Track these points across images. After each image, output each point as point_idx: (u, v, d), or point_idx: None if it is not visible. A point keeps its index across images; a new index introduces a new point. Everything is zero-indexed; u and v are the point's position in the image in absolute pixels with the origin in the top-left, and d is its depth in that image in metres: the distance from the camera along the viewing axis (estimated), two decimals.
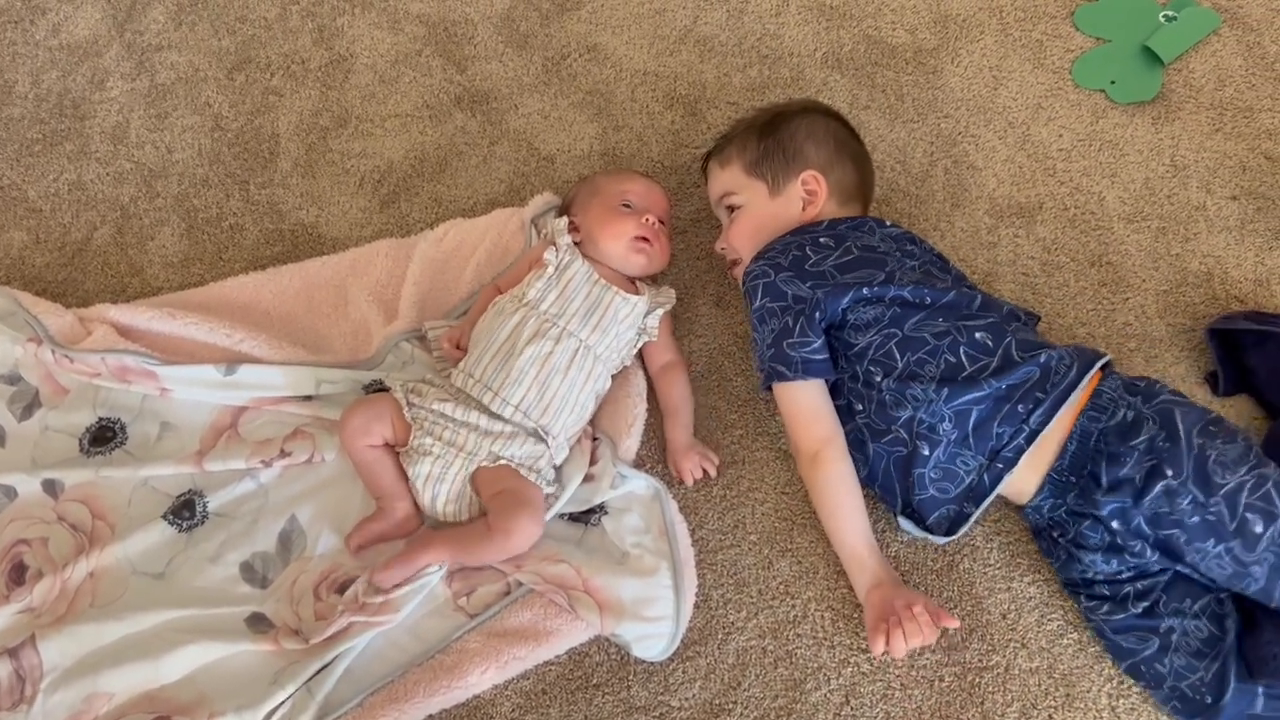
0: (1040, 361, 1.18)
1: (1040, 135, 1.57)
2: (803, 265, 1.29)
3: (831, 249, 1.30)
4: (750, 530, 1.30)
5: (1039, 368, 1.18)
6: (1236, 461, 1.08)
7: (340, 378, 1.39)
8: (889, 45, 1.68)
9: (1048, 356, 1.18)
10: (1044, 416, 1.16)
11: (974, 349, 1.20)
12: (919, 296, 1.24)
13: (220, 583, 1.29)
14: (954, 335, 1.21)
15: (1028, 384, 1.17)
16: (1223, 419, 1.14)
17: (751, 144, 1.39)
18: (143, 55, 1.77)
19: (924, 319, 1.23)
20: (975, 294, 1.28)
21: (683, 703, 1.21)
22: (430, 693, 1.20)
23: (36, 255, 1.59)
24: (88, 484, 1.35)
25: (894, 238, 1.35)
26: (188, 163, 1.66)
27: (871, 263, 1.28)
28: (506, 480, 1.25)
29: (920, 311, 1.24)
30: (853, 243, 1.31)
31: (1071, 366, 1.18)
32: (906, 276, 1.27)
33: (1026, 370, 1.18)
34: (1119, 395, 1.17)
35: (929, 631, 1.13)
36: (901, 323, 1.23)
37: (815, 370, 1.25)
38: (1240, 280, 1.43)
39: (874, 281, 1.26)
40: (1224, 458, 1.09)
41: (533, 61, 1.71)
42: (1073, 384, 1.16)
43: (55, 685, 1.21)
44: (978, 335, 1.21)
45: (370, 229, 1.57)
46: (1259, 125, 1.55)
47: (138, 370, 1.38)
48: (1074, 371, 1.18)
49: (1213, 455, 1.09)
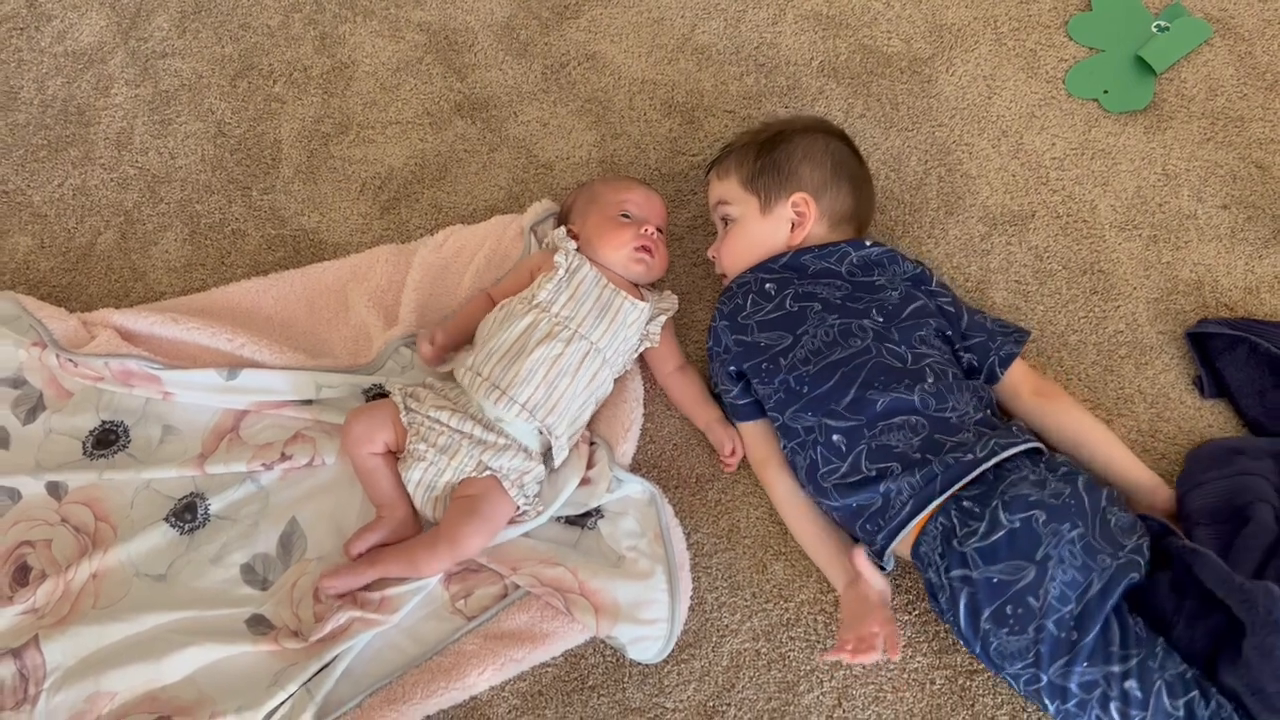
0: (880, 490, 1.19)
1: (1033, 144, 1.59)
2: (736, 317, 1.35)
3: (770, 298, 1.33)
4: (745, 534, 1.32)
5: (880, 496, 1.19)
6: (1015, 655, 1.10)
7: (340, 382, 1.40)
8: (884, 54, 1.70)
9: (887, 488, 1.18)
10: (885, 540, 1.19)
11: (829, 451, 1.23)
12: (800, 384, 1.26)
13: (221, 584, 1.31)
14: (816, 433, 1.24)
15: (871, 509, 1.20)
16: (1024, 598, 1.09)
17: (750, 158, 1.41)
18: (147, 62, 1.79)
19: (798, 410, 1.26)
20: (901, 348, 1.26)
21: (677, 704, 1.22)
22: (428, 694, 1.22)
23: (41, 260, 1.60)
24: (91, 486, 1.37)
25: (861, 266, 1.35)
26: (191, 168, 1.67)
27: (789, 322, 1.30)
28: (478, 489, 1.27)
29: (797, 401, 1.26)
30: (794, 290, 1.33)
31: (906, 503, 1.17)
32: (810, 344, 1.28)
33: (869, 495, 1.20)
34: (932, 551, 1.16)
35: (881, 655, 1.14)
36: (784, 409, 1.28)
37: (741, 414, 1.35)
38: (1230, 288, 1.45)
39: (774, 351, 1.29)
40: (1004, 648, 1.10)
41: (532, 69, 1.73)
42: (903, 523, 1.17)
43: (58, 685, 1.23)
44: (834, 437, 1.23)
45: (371, 235, 1.59)
46: (1250, 135, 1.57)
47: (141, 374, 1.40)
48: (906, 510, 1.17)
49: (994, 644, 1.11)
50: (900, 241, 1.51)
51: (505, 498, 1.27)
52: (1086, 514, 1.11)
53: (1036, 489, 1.12)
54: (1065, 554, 1.09)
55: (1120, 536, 1.11)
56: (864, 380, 1.23)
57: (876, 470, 1.19)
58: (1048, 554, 1.09)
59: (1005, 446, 1.16)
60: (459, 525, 1.25)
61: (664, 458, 1.38)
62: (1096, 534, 1.10)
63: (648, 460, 1.38)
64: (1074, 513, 1.11)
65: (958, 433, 1.19)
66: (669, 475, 1.36)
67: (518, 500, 1.28)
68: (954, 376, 1.25)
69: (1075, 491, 1.12)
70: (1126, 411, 1.36)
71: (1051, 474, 1.14)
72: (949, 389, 1.22)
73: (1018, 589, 1.09)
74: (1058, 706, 1.09)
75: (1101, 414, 1.36)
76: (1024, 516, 1.10)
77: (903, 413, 1.21)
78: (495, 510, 1.26)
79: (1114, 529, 1.12)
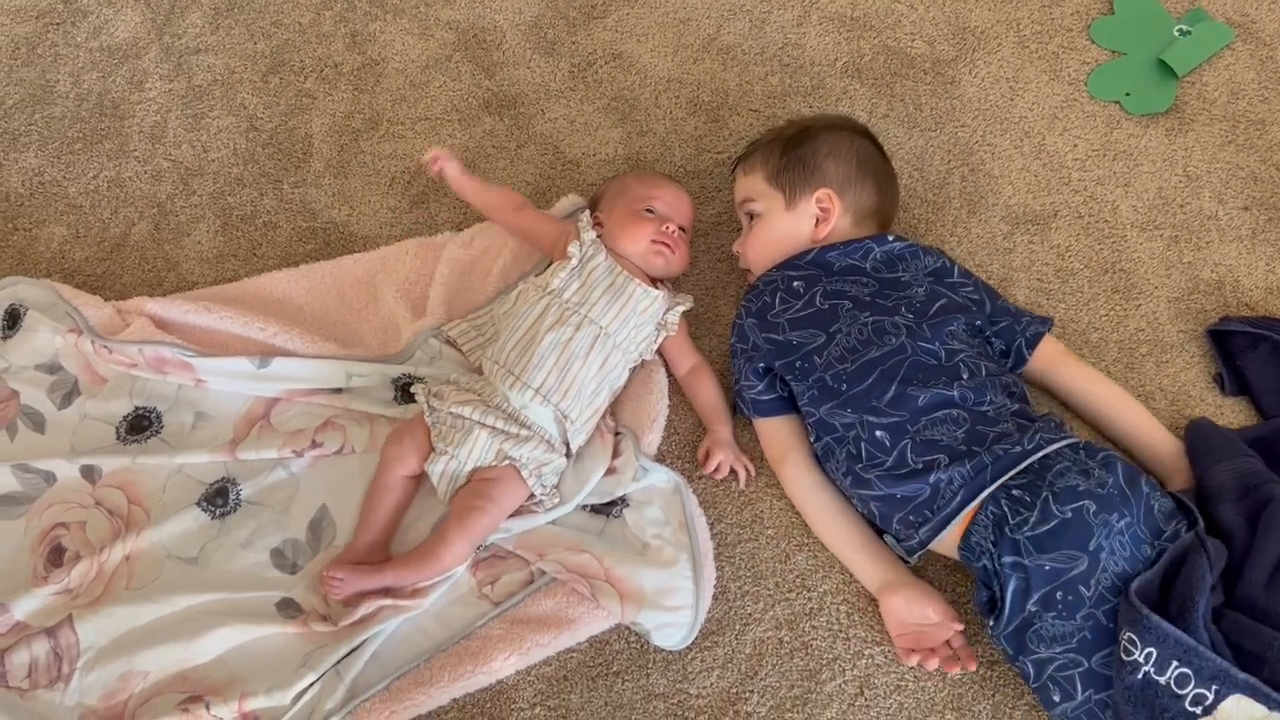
0: (930, 481, 1.19)
1: (1056, 145, 1.61)
2: (765, 315, 1.35)
3: (799, 295, 1.34)
4: (768, 525, 1.33)
5: (928, 487, 1.20)
6: (1058, 640, 1.11)
7: (370, 371, 1.42)
8: (908, 56, 1.71)
9: (937, 478, 1.19)
10: (931, 533, 1.20)
11: (872, 446, 1.24)
12: (837, 381, 1.27)
13: (251, 568, 1.33)
14: (857, 429, 1.25)
15: (918, 500, 1.21)
16: (1075, 586, 1.10)
17: (775, 154, 1.43)
18: (181, 58, 1.82)
19: (836, 406, 1.27)
20: (934, 345, 1.27)
21: (701, 690, 1.24)
22: (455, 677, 1.23)
23: (76, 250, 1.63)
24: (124, 470, 1.39)
25: (885, 262, 1.36)
26: (223, 162, 1.70)
27: (821, 320, 1.31)
28: (495, 475, 1.29)
29: (835, 398, 1.27)
30: (823, 288, 1.34)
31: (957, 493, 1.18)
32: (845, 341, 1.29)
33: (917, 486, 1.20)
34: (984, 539, 1.16)
35: (967, 664, 1.20)
36: (819, 405, 1.28)
37: (763, 410, 1.36)
38: (1251, 288, 1.46)
39: (808, 349, 1.30)
40: (1047, 631, 1.11)
41: (559, 68, 1.75)
42: (954, 512, 1.18)
43: (91, 664, 1.25)
44: (878, 433, 1.24)
45: (399, 228, 1.61)
46: (1271, 138, 1.58)
47: (174, 361, 1.42)
48: (957, 500, 1.18)
49: (1036, 625, 1.12)
50: (924, 239, 1.52)
51: (519, 485, 1.29)
52: (1131, 503, 1.13)
53: (1084, 479, 1.14)
54: (1116, 545, 1.10)
55: (1162, 523, 1.14)
56: (903, 377, 1.24)
57: (923, 463, 1.20)
58: (1100, 545, 1.10)
59: (1050, 440, 1.18)
60: (444, 538, 1.26)
61: (689, 448, 1.39)
62: (1141, 523, 1.12)
63: (673, 450, 1.39)
64: (1119, 502, 1.12)
65: (997, 424, 1.21)
66: (693, 465, 1.38)
67: (535, 489, 1.29)
68: (987, 371, 1.26)
69: (1117, 481, 1.14)
70: (1148, 408, 1.37)
71: (1093, 462, 1.16)
72: (984, 384, 1.24)
73: (1070, 576, 1.10)
74: (1088, 696, 1.10)
75: None
76: (1075, 507, 1.12)
77: (944, 407, 1.22)
78: (505, 494, 1.28)
79: (1158, 516, 1.14)
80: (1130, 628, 1.05)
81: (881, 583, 1.25)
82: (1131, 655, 1.05)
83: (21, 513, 1.37)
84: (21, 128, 1.76)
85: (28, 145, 1.74)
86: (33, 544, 1.35)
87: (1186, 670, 1.02)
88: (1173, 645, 1.03)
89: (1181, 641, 1.03)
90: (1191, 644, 1.02)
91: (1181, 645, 1.03)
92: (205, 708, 1.21)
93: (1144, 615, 1.04)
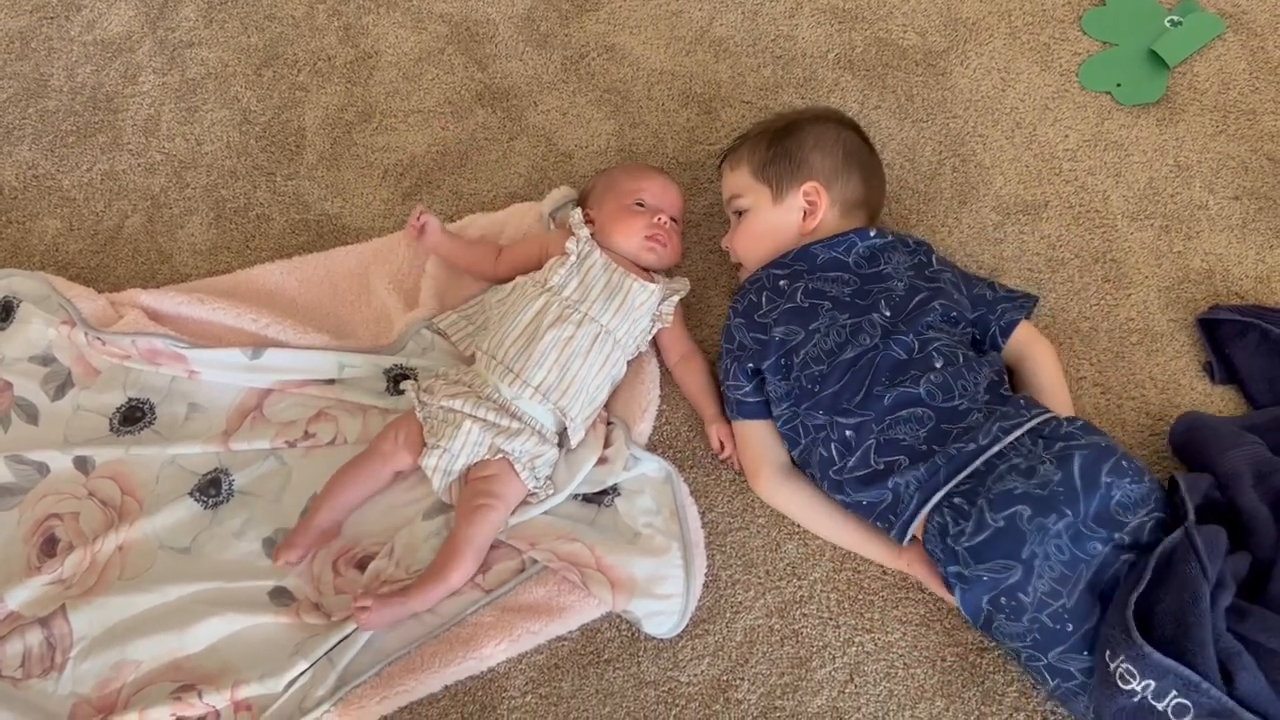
0: (889, 486, 1.20)
1: (1047, 135, 1.61)
2: (752, 315, 1.35)
3: (783, 293, 1.34)
4: (759, 513, 1.34)
5: (890, 492, 1.21)
6: (1015, 637, 1.13)
7: (362, 362, 1.43)
8: (900, 47, 1.72)
9: (895, 483, 1.20)
10: (899, 535, 1.22)
11: (840, 445, 1.25)
12: (812, 383, 1.28)
13: (244, 557, 1.33)
14: (828, 430, 1.26)
15: (881, 505, 1.22)
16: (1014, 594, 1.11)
17: (761, 148, 1.43)
18: (174, 51, 1.82)
19: (810, 407, 1.27)
20: (908, 338, 1.26)
21: (691, 678, 1.24)
22: (446, 664, 1.24)
23: (70, 242, 1.64)
24: (117, 461, 1.40)
25: (867, 257, 1.35)
26: (216, 154, 1.71)
27: (801, 316, 1.31)
28: (491, 471, 1.29)
29: (809, 399, 1.28)
30: (805, 285, 1.34)
31: (913, 497, 1.19)
32: (823, 343, 1.29)
33: (879, 492, 1.22)
34: (935, 548, 1.18)
35: None
36: (799, 403, 1.29)
37: (748, 411, 1.35)
38: (1241, 277, 1.46)
39: (789, 346, 1.30)
40: (1004, 629, 1.14)
41: (552, 60, 1.75)
42: (912, 515, 1.19)
43: (85, 654, 1.26)
44: (846, 433, 1.25)
45: (392, 220, 1.62)
46: (1261, 128, 1.59)
47: (167, 353, 1.43)
48: (913, 504, 1.19)
49: (995, 624, 1.14)
50: (915, 230, 1.53)
51: (516, 480, 1.29)
52: (1079, 499, 1.10)
53: (1024, 480, 1.13)
54: (1051, 550, 1.09)
55: (1121, 515, 1.11)
56: (873, 377, 1.25)
57: (885, 464, 1.21)
58: (1033, 552, 1.09)
59: (1009, 430, 1.17)
60: (450, 558, 1.25)
61: (680, 437, 1.40)
62: (1089, 518, 1.10)
63: (664, 440, 1.40)
64: (1061, 501, 1.10)
65: (966, 418, 1.21)
66: (685, 454, 1.38)
67: (529, 483, 1.30)
68: (964, 357, 1.26)
69: (1067, 476, 1.11)
70: (1137, 396, 1.38)
71: (1048, 453, 1.14)
72: (958, 371, 1.24)
73: (1007, 585, 1.11)
74: (1058, 684, 1.12)
75: (1112, 398, 1.38)
76: (1008, 514, 1.11)
77: (909, 405, 1.22)
78: (506, 488, 1.29)
79: (1114, 507, 1.11)
80: (1130, 660, 1.02)
81: (902, 557, 1.26)
82: (1129, 684, 1.02)
83: (15, 504, 1.37)
84: (15, 121, 1.77)
85: (21, 139, 1.75)
86: (26, 535, 1.35)
87: (1185, 702, 0.99)
88: (1173, 679, 1.00)
89: (1182, 675, 0.99)
90: (1194, 679, 0.99)
91: (1182, 679, 0.99)
92: (198, 696, 1.21)
93: (1144, 651, 1.01)
